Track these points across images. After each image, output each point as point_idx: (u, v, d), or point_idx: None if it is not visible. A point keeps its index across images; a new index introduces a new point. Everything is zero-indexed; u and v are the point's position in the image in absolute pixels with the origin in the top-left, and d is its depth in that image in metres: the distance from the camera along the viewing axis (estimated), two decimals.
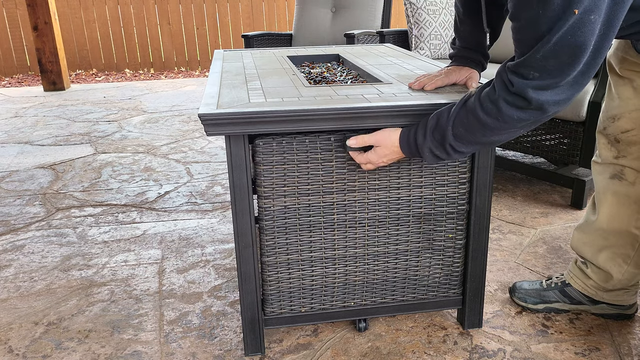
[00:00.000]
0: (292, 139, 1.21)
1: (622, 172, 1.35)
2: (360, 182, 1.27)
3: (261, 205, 1.26)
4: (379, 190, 1.28)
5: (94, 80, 6.13)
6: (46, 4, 4.88)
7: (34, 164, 2.99)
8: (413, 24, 2.96)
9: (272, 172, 1.23)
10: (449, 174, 1.30)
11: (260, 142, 1.20)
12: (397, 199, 1.30)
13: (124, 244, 2.02)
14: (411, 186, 1.29)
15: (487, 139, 1.07)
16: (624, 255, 1.39)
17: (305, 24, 3.60)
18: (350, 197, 1.28)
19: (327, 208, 1.28)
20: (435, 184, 1.30)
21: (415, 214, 1.32)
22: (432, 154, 1.13)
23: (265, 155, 1.21)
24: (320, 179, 1.25)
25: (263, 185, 1.24)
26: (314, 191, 1.26)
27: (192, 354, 1.41)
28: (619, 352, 1.38)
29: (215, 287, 1.72)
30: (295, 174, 1.24)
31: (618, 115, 1.31)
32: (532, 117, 1.01)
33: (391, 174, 1.27)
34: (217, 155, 3.07)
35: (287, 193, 1.25)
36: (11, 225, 2.21)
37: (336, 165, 1.25)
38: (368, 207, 1.29)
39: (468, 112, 1.06)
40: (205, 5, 6.54)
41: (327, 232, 1.30)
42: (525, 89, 0.98)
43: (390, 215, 1.31)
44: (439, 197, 1.31)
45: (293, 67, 1.67)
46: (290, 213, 1.27)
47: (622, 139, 1.32)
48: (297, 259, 1.32)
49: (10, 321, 1.57)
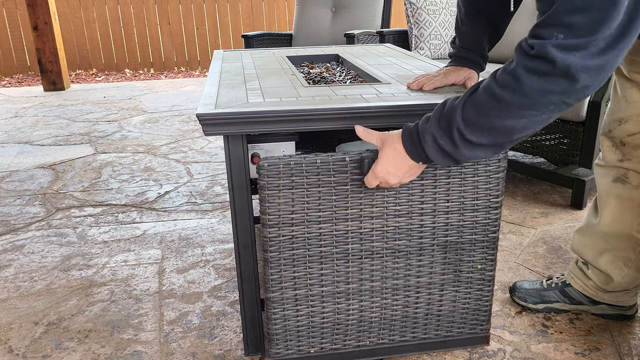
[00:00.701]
0: (301, 159, 1.07)
1: (626, 176, 1.35)
2: (379, 207, 1.13)
3: (266, 235, 1.12)
4: (399, 216, 1.14)
5: (94, 80, 6.13)
6: (46, 4, 4.88)
7: (34, 164, 2.99)
8: (413, 24, 2.96)
9: (279, 198, 1.09)
10: (479, 198, 1.16)
11: (265, 163, 1.06)
12: (420, 226, 1.16)
13: (124, 244, 2.02)
14: (436, 212, 1.15)
15: (502, 122, 0.89)
16: (625, 259, 1.39)
17: (305, 24, 3.60)
18: (367, 224, 1.14)
19: (341, 237, 1.14)
20: (464, 209, 1.16)
21: (440, 243, 1.18)
22: (435, 144, 0.96)
23: (271, 179, 1.07)
24: (334, 205, 1.11)
25: (268, 213, 1.10)
26: (326, 218, 1.12)
27: (192, 353, 1.41)
28: (619, 352, 1.38)
29: (215, 287, 1.72)
30: (305, 200, 1.10)
31: (625, 118, 1.31)
32: (556, 86, 0.84)
33: (413, 199, 1.13)
34: (217, 155, 3.07)
35: (296, 221, 1.12)
36: (11, 225, 2.21)
37: (351, 189, 1.10)
38: (387, 236, 1.16)
39: (481, 91, 0.91)
40: (205, 5, 6.54)
41: (341, 264, 1.17)
42: (547, 48, 0.83)
43: (412, 245, 1.17)
44: (467, 223, 1.17)
45: (292, 67, 1.67)
46: (299, 243, 1.14)
47: (628, 142, 1.32)
48: (306, 294, 1.19)
49: (10, 321, 1.57)
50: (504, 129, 0.89)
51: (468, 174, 1.14)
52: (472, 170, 1.13)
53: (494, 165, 1.14)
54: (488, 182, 1.15)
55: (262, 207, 1.10)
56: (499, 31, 1.35)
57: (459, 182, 1.14)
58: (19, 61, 6.36)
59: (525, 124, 0.88)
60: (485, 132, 0.90)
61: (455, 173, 1.13)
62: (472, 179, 1.14)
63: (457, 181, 1.14)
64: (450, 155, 0.95)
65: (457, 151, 0.94)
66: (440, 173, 1.12)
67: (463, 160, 0.97)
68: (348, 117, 1.16)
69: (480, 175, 1.14)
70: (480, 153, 0.95)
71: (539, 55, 0.83)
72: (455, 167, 1.12)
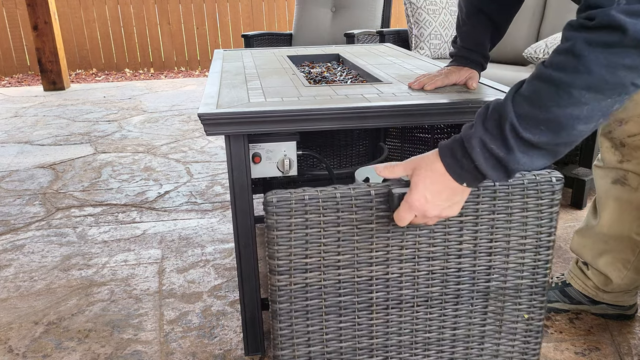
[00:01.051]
0: (316, 193, 0.89)
1: (625, 177, 1.34)
2: (410, 249, 0.96)
3: (274, 284, 0.94)
4: (433, 259, 0.97)
5: (94, 80, 6.13)
6: (46, 3, 4.88)
7: (34, 163, 2.99)
8: (413, 23, 2.96)
9: (291, 240, 0.92)
10: (528, 237, 0.98)
11: (274, 198, 0.88)
12: (458, 270, 0.99)
13: (124, 244, 2.02)
14: (477, 253, 0.98)
15: (563, 111, 0.74)
16: (624, 260, 1.39)
17: (305, 24, 3.60)
18: (394, 269, 0.97)
19: (364, 284, 0.97)
20: (510, 250, 0.99)
21: (480, 289, 1.02)
22: (485, 150, 0.79)
23: (281, 217, 0.89)
24: (355, 247, 0.94)
25: (277, 258, 0.92)
26: (346, 263, 0.95)
27: (192, 353, 1.41)
28: (619, 352, 1.38)
29: (215, 286, 1.72)
30: (322, 241, 0.92)
31: (625, 118, 1.30)
32: (628, 59, 0.70)
33: (451, 238, 0.96)
34: (217, 155, 3.07)
35: (311, 266, 0.94)
36: (11, 225, 2.21)
37: (377, 227, 0.92)
38: (418, 282, 0.99)
39: (531, 81, 0.78)
40: (205, 5, 6.54)
41: (363, 316, 1.00)
42: (613, 15, 0.70)
43: (448, 292, 1.01)
44: (513, 267, 1.00)
45: (293, 67, 1.67)
46: (314, 292, 0.96)
47: (628, 143, 1.31)
48: (322, 352, 1.01)
49: (10, 321, 1.57)
50: (565, 120, 0.74)
51: (516, 208, 0.96)
52: (521, 204, 0.96)
53: (546, 199, 0.96)
54: (539, 217, 0.97)
55: (271, 251, 0.92)
56: (501, 31, 1.35)
57: (505, 219, 0.96)
58: (19, 61, 6.36)
59: (589, 112, 0.74)
60: (542, 126, 0.75)
61: (501, 207, 0.95)
62: (520, 214, 0.96)
63: (503, 217, 0.96)
64: (503, 162, 0.79)
65: (511, 156, 0.78)
66: (483, 208, 0.95)
67: (517, 168, 0.80)
68: (350, 117, 1.16)
69: (531, 210, 0.97)
70: (537, 159, 0.79)
71: (603, 25, 0.70)
72: (502, 201, 0.95)
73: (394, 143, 2.00)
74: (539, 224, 0.98)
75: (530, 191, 0.94)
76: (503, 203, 0.95)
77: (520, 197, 0.96)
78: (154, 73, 6.52)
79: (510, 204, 0.96)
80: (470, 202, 0.93)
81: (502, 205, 0.96)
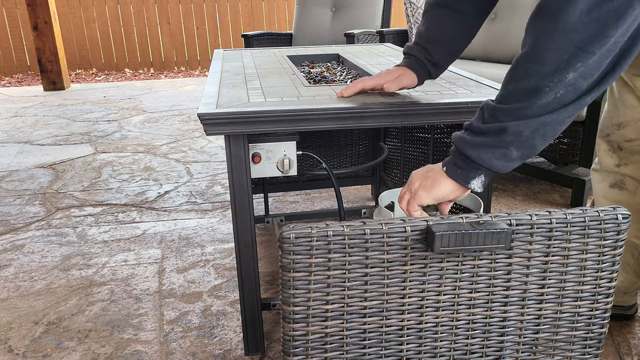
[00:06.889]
0: (342, 228, 0.76)
1: (623, 182, 1.34)
2: (448, 294, 0.84)
3: (288, 333, 0.82)
4: (475, 307, 0.85)
5: (94, 79, 6.13)
6: (46, 3, 4.88)
7: (34, 163, 2.99)
8: (413, 23, 2.96)
9: (309, 282, 0.79)
10: (585, 283, 0.86)
11: (292, 233, 0.75)
12: (503, 319, 0.87)
13: (124, 244, 2.02)
14: (526, 300, 0.86)
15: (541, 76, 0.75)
16: (623, 263, 1.39)
17: (305, 24, 3.60)
18: (430, 317, 0.85)
19: (393, 334, 0.85)
20: (563, 298, 0.87)
21: (527, 342, 0.89)
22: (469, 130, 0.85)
23: (300, 256, 0.76)
24: (385, 291, 0.81)
25: (293, 304, 0.79)
26: (373, 310, 0.82)
27: (192, 353, 1.41)
28: (619, 352, 1.38)
29: (215, 286, 1.72)
30: (346, 284, 0.80)
31: (624, 123, 1.30)
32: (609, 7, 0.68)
33: (496, 283, 0.85)
34: (217, 155, 3.07)
35: (332, 314, 0.81)
36: (11, 224, 2.21)
37: (411, 270, 0.80)
38: (456, 333, 0.87)
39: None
40: (205, 5, 6.54)
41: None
42: None
43: (490, 345, 0.89)
44: (566, 316, 0.89)
45: (293, 67, 1.67)
46: (335, 343, 0.84)
47: (626, 147, 1.31)
48: None
49: (10, 321, 1.57)
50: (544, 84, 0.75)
51: (574, 250, 0.84)
52: (581, 244, 0.84)
53: (610, 239, 0.84)
54: (600, 261, 0.85)
55: (285, 295, 0.79)
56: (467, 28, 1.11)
57: (561, 261, 0.85)
58: (19, 61, 6.36)
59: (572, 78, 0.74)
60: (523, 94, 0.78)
61: (557, 248, 0.83)
62: (578, 257, 0.84)
63: (558, 259, 0.84)
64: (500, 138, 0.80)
65: (496, 114, 0.80)
66: (536, 248, 0.83)
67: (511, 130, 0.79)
68: (349, 117, 1.16)
69: (591, 252, 0.85)
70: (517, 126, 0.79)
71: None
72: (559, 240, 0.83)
73: (394, 143, 2.00)
74: (599, 268, 0.85)
75: (592, 230, 0.82)
76: (559, 243, 0.84)
77: (579, 237, 0.84)
78: (154, 73, 6.52)
79: (568, 245, 0.84)
80: (521, 241, 0.82)
81: (558, 247, 0.84)
